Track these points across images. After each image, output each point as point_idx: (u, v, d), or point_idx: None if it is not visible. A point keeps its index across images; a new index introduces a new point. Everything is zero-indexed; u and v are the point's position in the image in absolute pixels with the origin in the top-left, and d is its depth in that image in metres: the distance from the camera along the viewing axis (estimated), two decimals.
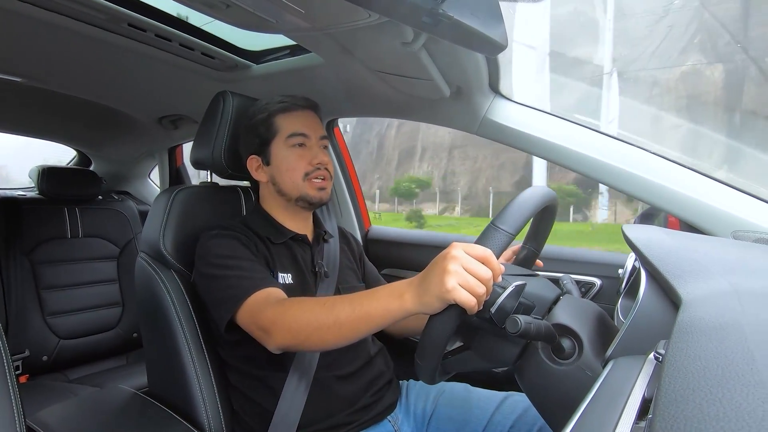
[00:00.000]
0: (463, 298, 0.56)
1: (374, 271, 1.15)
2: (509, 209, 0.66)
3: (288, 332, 0.72)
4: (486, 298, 0.59)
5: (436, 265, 0.59)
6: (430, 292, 0.58)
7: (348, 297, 0.70)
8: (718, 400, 0.25)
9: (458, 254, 0.58)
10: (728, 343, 0.32)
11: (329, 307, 0.69)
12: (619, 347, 0.52)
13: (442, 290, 0.57)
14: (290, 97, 0.96)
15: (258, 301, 0.78)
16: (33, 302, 1.67)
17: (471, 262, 0.57)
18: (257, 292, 0.78)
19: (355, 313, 0.66)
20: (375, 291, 0.67)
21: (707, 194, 0.90)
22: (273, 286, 0.81)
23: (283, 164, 0.93)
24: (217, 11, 0.78)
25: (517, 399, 0.93)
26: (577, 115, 1.05)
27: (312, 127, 0.96)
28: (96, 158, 2.34)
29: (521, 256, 0.89)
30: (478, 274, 0.57)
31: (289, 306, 0.74)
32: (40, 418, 0.86)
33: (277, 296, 0.78)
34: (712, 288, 0.45)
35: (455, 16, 0.62)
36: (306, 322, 0.70)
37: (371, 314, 0.65)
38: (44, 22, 0.95)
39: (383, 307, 0.64)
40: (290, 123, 0.94)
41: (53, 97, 1.52)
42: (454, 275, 0.56)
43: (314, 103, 0.99)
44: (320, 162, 0.93)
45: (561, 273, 0.97)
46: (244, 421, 0.88)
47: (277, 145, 0.94)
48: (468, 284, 0.56)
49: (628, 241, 0.60)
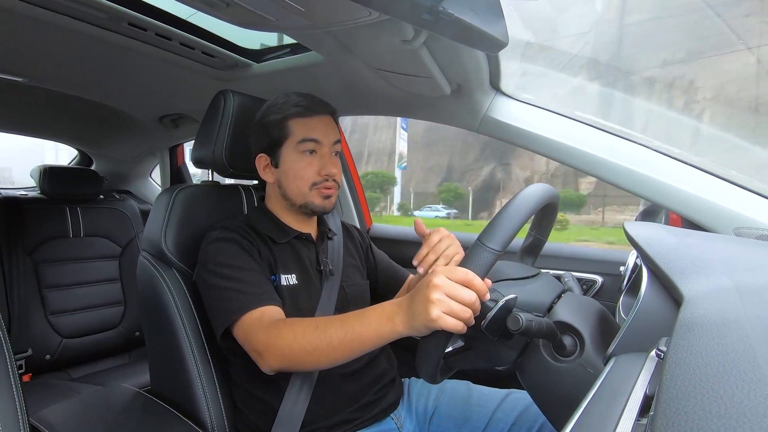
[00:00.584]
0: (449, 325, 0.59)
1: (385, 258, 1.14)
2: (496, 223, 0.63)
3: (282, 357, 0.74)
4: (474, 316, 0.60)
5: (420, 293, 0.61)
6: (417, 319, 0.61)
7: (339, 319, 0.71)
8: (719, 397, 0.25)
9: (440, 282, 0.59)
10: (730, 340, 0.32)
11: (322, 331, 0.70)
12: (621, 344, 0.52)
13: (428, 319, 0.59)
14: (308, 99, 0.92)
15: (252, 321, 0.78)
16: (35, 301, 1.68)
17: (454, 288, 0.59)
18: (252, 311, 0.78)
19: (347, 337, 0.68)
20: (366, 313, 0.69)
21: (709, 191, 0.90)
22: (269, 304, 0.80)
23: (291, 170, 0.91)
24: (217, 10, 0.78)
25: (518, 396, 0.93)
26: (578, 113, 1.05)
27: (326, 132, 0.92)
28: (97, 157, 2.35)
29: (527, 244, 0.88)
30: (462, 299, 0.59)
31: (282, 330, 0.74)
32: (44, 417, 0.86)
33: (272, 316, 0.78)
34: (714, 285, 0.45)
35: (455, 14, 0.62)
36: (299, 347, 0.71)
37: (363, 337, 0.67)
38: (45, 22, 0.95)
39: (375, 331, 0.66)
40: (304, 128, 0.91)
41: (54, 96, 1.52)
42: (438, 304, 0.59)
43: (332, 109, 0.95)
44: (329, 173, 0.91)
45: (562, 270, 0.97)
46: (248, 418, 0.88)
47: (287, 148, 0.91)
48: (452, 311, 0.59)
49: (629, 238, 0.60)
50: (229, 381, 0.92)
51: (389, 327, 0.65)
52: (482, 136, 1.15)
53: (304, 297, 0.90)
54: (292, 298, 0.88)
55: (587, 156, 0.99)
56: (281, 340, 0.73)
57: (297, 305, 0.88)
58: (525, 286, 0.72)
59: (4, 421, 0.66)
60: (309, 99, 0.93)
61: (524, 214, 0.64)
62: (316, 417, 0.85)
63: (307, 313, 0.89)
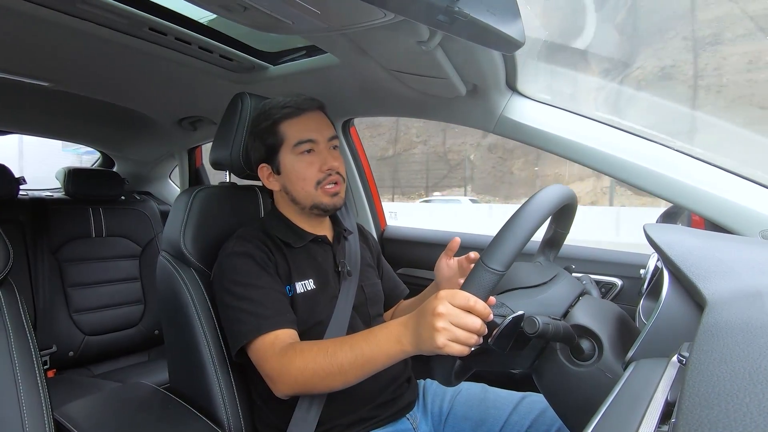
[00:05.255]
0: (455, 351, 0.61)
1: (390, 271, 1.15)
2: (499, 242, 0.61)
3: (294, 383, 0.75)
4: (479, 339, 0.62)
5: (425, 320, 0.63)
6: (424, 344, 0.63)
7: (348, 341, 0.72)
8: (745, 405, 0.24)
9: (444, 311, 0.61)
10: (755, 346, 0.31)
11: (332, 355, 0.72)
12: (641, 349, 0.51)
13: (435, 347, 0.61)
14: (294, 99, 0.92)
15: (265, 347, 0.79)
16: (60, 299, 1.73)
17: (458, 316, 0.61)
18: (264, 335, 0.79)
19: (357, 361, 0.70)
20: (374, 335, 0.70)
21: (733, 192, 0.87)
22: (282, 327, 0.80)
23: (293, 173, 0.91)
24: (234, 14, 0.79)
25: (534, 399, 0.92)
26: (597, 113, 1.03)
27: (319, 129, 0.92)
28: (119, 160, 2.41)
29: (547, 238, 0.86)
30: (467, 327, 0.60)
31: (293, 357, 0.75)
32: (66, 412, 0.89)
33: (284, 340, 0.79)
34: (739, 289, 0.43)
35: (471, 14, 0.61)
36: (311, 373, 0.73)
37: (374, 359, 0.70)
38: (70, 28, 0.98)
39: (384, 352, 0.68)
40: (296, 129, 0.91)
41: (78, 100, 1.57)
42: (443, 332, 0.60)
43: (320, 103, 0.95)
44: (330, 167, 0.91)
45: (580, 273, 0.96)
46: (267, 416, 0.89)
47: (285, 153, 0.91)
48: (457, 339, 0.61)
49: (650, 240, 0.59)
50: (247, 379, 0.93)
51: (398, 348, 0.67)
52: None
53: (321, 301, 0.90)
54: (309, 304, 0.88)
55: (607, 157, 0.98)
56: (293, 368, 0.74)
57: (314, 309, 0.88)
58: (537, 296, 0.70)
59: (31, 414, 0.68)
60: (295, 98, 0.93)
61: (530, 229, 0.62)
62: (333, 415, 0.85)
63: (325, 316, 0.89)
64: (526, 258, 0.80)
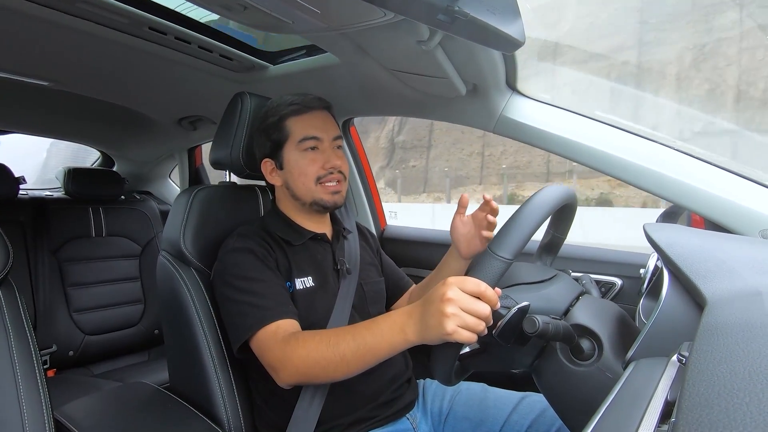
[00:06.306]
0: (464, 338, 0.59)
1: (392, 264, 1.15)
2: (507, 231, 0.62)
3: (296, 372, 0.75)
4: (486, 327, 0.61)
5: (434, 306, 0.61)
6: (431, 331, 0.61)
7: (351, 331, 0.72)
8: (745, 405, 0.24)
9: (454, 296, 0.59)
10: (755, 346, 0.31)
11: (334, 345, 0.71)
12: (641, 349, 0.51)
13: (443, 333, 0.60)
14: (302, 97, 0.94)
15: (267, 337, 0.78)
16: (60, 299, 1.73)
17: (468, 302, 0.59)
18: (266, 326, 0.79)
19: (360, 350, 0.69)
20: (377, 324, 0.69)
21: (733, 191, 0.87)
22: (284, 317, 0.80)
23: (295, 169, 0.92)
24: (234, 13, 0.79)
25: (534, 399, 0.92)
26: (598, 112, 1.03)
27: (325, 128, 0.93)
28: (119, 159, 2.41)
29: (545, 242, 0.87)
30: (477, 313, 0.59)
31: (295, 346, 0.75)
32: (66, 412, 0.89)
33: (286, 330, 0.79)
34: (739, 288, 0.43)
35: (471, 13, 0.61)
36: (313, 362, 0.72)
37: (376, 349, 0.68)
38: (70, 27, 0.98)
39: (387, 342, 0.67)
40: (302, 126, 0.92)
41: (78, 100, 1.57)
42: (453, 318, 0.59)
43: (327, 103, 0.97)
44: (333, 165, 0.92)
45: (580, 272, 0.96)
46: (267, 415, 0.89)
47: (289, 149, 0.93)
48: (467, 325, 0.59)
49: (650, 240, 0.59)
50: (247, 379, 0.93)
51: (401, 337, 0.66)
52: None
53: (320, 298, 0.90)
54: (308, 301, 0.88)
55: (607, 156, 0.98)
56: (295, 357, 0.74)
57: (313, 307, 0.88)
58: (540, 291, 0.71)
59: (31, 414, 0.68)
60: (303, 96, 0.94)
61: (536, 221, 0.63)
62: (333, 415, 0.85)
63: (324, 314, 0.89)
64: (524, 261, 0.80)
